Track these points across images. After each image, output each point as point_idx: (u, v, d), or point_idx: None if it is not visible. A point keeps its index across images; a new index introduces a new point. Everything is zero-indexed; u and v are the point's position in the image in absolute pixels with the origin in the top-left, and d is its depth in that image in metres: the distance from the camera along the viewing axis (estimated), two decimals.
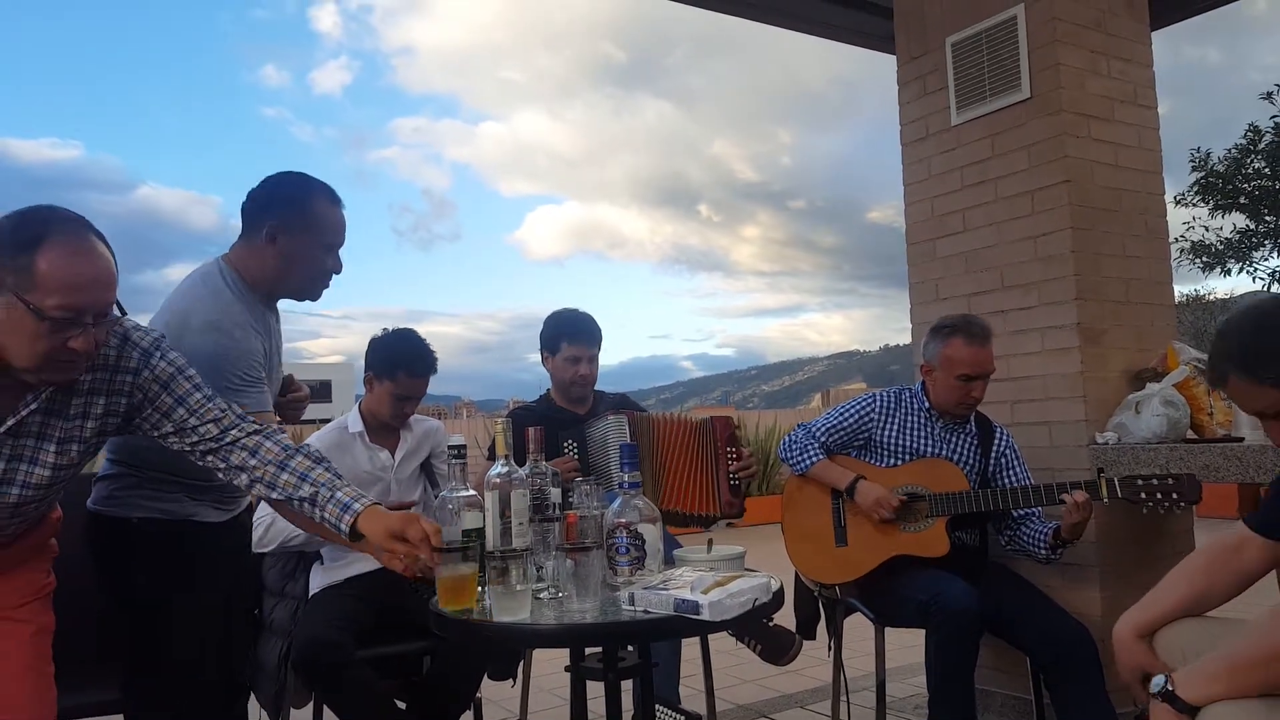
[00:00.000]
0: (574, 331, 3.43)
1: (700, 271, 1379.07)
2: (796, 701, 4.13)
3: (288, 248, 2.33)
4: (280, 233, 2.32)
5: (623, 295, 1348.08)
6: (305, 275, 2.39)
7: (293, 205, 2.34)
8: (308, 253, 2.36)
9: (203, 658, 2.27)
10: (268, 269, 2.35)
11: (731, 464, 3.21)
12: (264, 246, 2.33)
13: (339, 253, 2.43)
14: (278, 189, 2.37)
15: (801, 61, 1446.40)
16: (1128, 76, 3.68)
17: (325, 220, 2.38)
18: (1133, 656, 1.94)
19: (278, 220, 2.32)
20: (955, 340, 3.10)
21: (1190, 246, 19.33)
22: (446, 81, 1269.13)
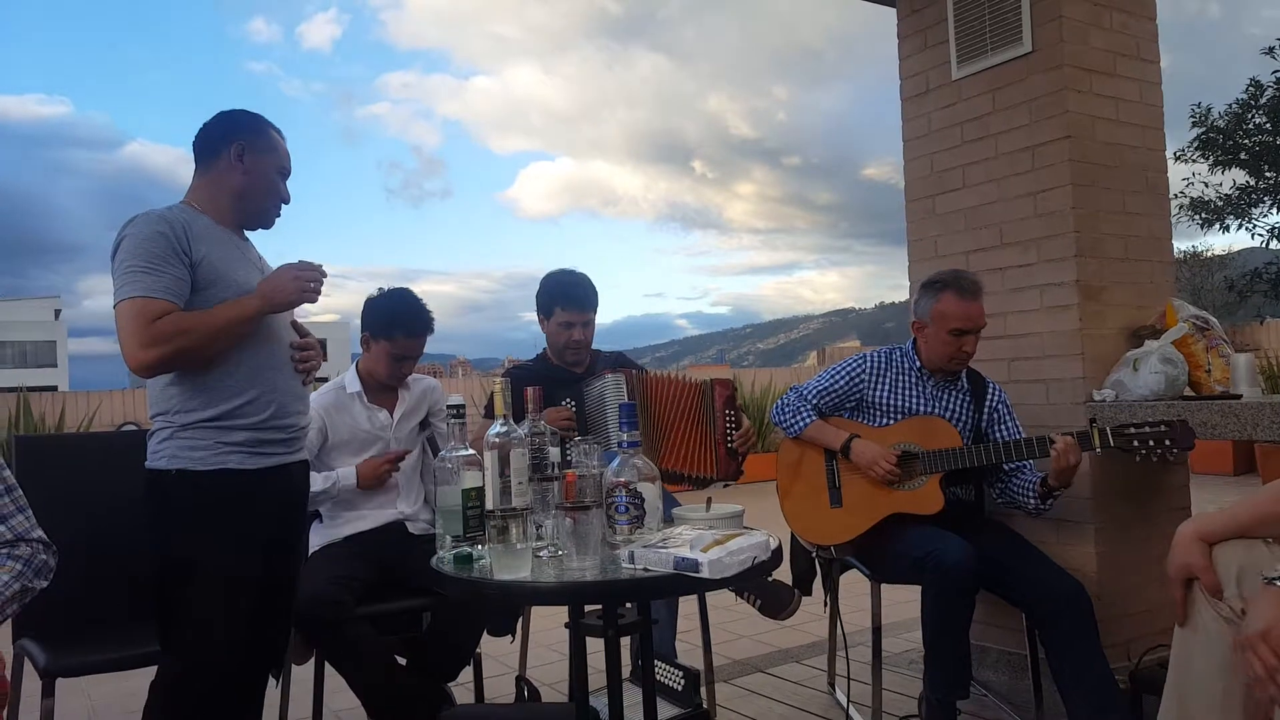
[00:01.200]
0: (567, 297, 3.40)
1: (695, 229, 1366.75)
2: (793, 656, 4.16)
3: (253, 165, 2.43)
4: (247, 150, 2.42)
5: (617, 253, 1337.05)
6: (266, 194, 2.48)
7: (254, 128, 2.46)
8: (269, 174, 2.46)
9: (223, 616, 2.28)
10: (232, 188, 2.43)
11: (730, 428, 3.22)
12: (230, 166, 2.41)
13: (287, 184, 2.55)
14: (234, 116, 2.47)
15: (798, 15, 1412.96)
16: (1130, 30, 3.64)
17: (279, 145, 2.50)
18: (1188, 556, 1.90)
19: (245, 140, 2.42)
20: (947, 295, 3.10)
21: (1190, 203, 19.26)
22: (437, 35, 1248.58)
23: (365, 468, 3.11)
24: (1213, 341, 3.36)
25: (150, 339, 2.18)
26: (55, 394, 9.52)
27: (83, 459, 2.96)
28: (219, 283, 2.31)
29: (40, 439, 3.37)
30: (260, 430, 2.35)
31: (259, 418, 2.34)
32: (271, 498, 2.41)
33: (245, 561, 2.33)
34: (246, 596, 2.33)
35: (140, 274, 2.21)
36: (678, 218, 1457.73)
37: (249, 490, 2.33)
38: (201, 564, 2.27)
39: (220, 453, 2.29)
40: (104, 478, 2.87)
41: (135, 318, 2.19)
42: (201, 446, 2.28)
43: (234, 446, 2.31)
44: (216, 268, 2.32)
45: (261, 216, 2.51)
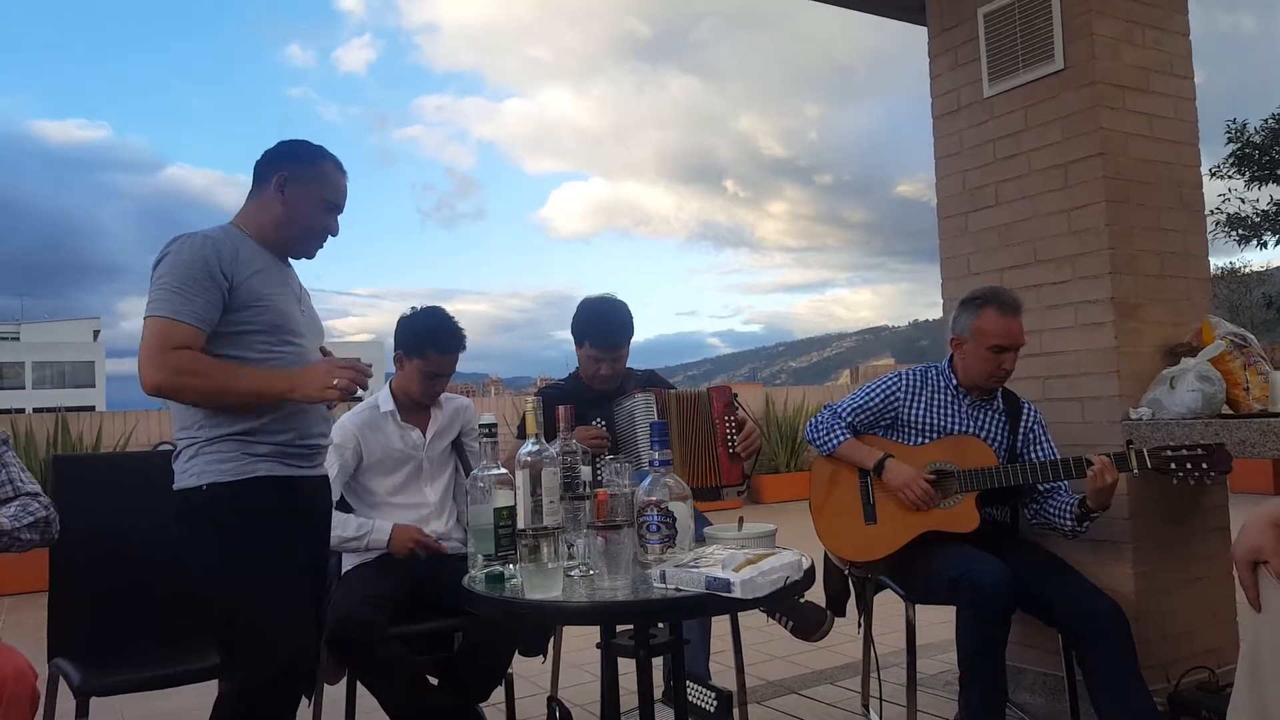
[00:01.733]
0: (598, 336, 3.38)
1: (727, 248, 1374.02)
2: (827, 677, 4.13)
3: (293, 196, 2.42)
4: (288, 182, 2.42)
5: (649, 272, 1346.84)
6: (305, 227, 2.47)
7: (302, 159, 2.46)
8: (311, 207, 2.45)
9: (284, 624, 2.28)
10: (273, 218, 2.43)
11: (731, 433, 3.20)
12: (272, 195, 2.42)
13: (338, 219, 2.53)
14: (290, 146, 2.48)
15: (829, 34, 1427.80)
16: (1163, 46, 3.61)
17: (330, 179, 2.48)
18: (1258, 538, 1.82)
19: (287, 170, 2.42)
20: (987, 311, 3.09)
21: (1226, 219, 19.06)
22: (471, 58, 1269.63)
23: (400, 533, 3.10)
24: (1251, 359, 3.31)
25: (163, 364, 2.19)
26: (93, 414, 9.64)
27: (119, 478, 3.00)
28: (257, 304, 2.32)
29: (78, 458, 3.42)
30: (286, 445, 2.36)
31: (282, 437, 2.36)
32: (304, 506, 2.42)
33: (293, 565, 2.34)
34: (303, 598, 2.34)
35: (172, 294, 2.22)
36: (710, 237, 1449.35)
37: (284, 496, 2.35)
38: (250, 575, 2.26)
39: (248, 462, 2.30)
40: (140, 497, 2.89)
41: (155, 337, 2.21)
42: (229, 458, 2.29)
43: (261, 456, 2.32)
44: (257, 290, 2.33)
45: (300, 247, 2.51)
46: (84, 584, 2.80)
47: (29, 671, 2.26)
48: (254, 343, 2.33)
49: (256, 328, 2.33)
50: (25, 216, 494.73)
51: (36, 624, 2.71)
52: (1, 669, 2.20)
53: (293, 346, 2.40)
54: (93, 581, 2.80)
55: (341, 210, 2.53)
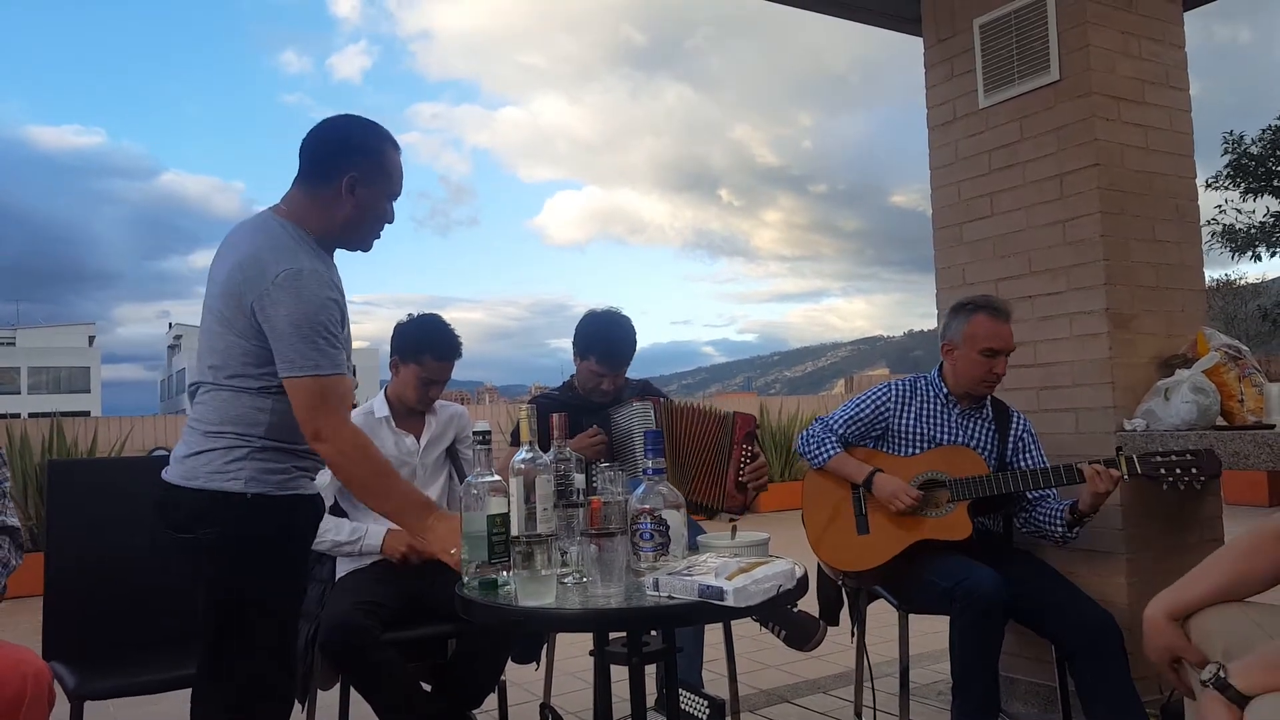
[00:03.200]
0: (604, 355, 3.37)
1: (721, 256, 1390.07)
2: (820, 687, 4.13)
3: (365, 198, 2.25)
4: (359, 183, 2.23)
5: (643, 281, 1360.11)
6: (373, 225, 2.32)
7: (371, 155, 2.27)
8: (379, 204, 2.30)
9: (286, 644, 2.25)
10: (339, 219, 2.26)
11: (744, 462, 3.21)
12: (340, 198, 2.23)
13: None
14: (353, 137, 2.28)
15: (823, 44, 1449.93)
16: (1159, 58, 3.63)
17: (397, 169, 2.32)
18: (1164, 639, 1.87)
19: (358, 170, 2.23)
20: (978, 316, 3.11)
21: (1221, 230, 19.10)
22: (465, 66, 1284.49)
23: (393, 538, 3.10)
24: (1245, 370, 3.32)
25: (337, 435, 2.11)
26: (88, 419, 9.64)
27: (115, 483, 2.99)
28: (343, 345, 2.21)
29: (73, 463, 3.41)
30: (317, 460, 2.28)
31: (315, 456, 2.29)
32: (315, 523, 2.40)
33: (302, 589, 2.35)
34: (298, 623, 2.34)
35: (313, 349, 2.09)
36: (704, 245, 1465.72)
37: (312, 515, 2.33)
38: (270, 592, 2.19)
39: (294, 476, 2.23)
40: (135, 502, 2.88)
41: (312, 398, 2.10)
42: (279, 471, 2.19)
43: (302, 471, 2.25)
44: (344, 330, 2.23)
45: (362, 243, 2.35)
46: (79, 588, 2.80)
47: (46, 672, 2.26)
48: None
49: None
50: (21, 222, 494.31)
51: (31, 628, 2.71)
52: (21, 669, 2.20)
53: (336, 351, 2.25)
54: (87, 586, 2.80)
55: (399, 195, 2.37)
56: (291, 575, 2.27)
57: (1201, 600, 1.87)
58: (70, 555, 2.82)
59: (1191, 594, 1.88)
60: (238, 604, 2.16)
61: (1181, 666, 1.88)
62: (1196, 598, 1.88)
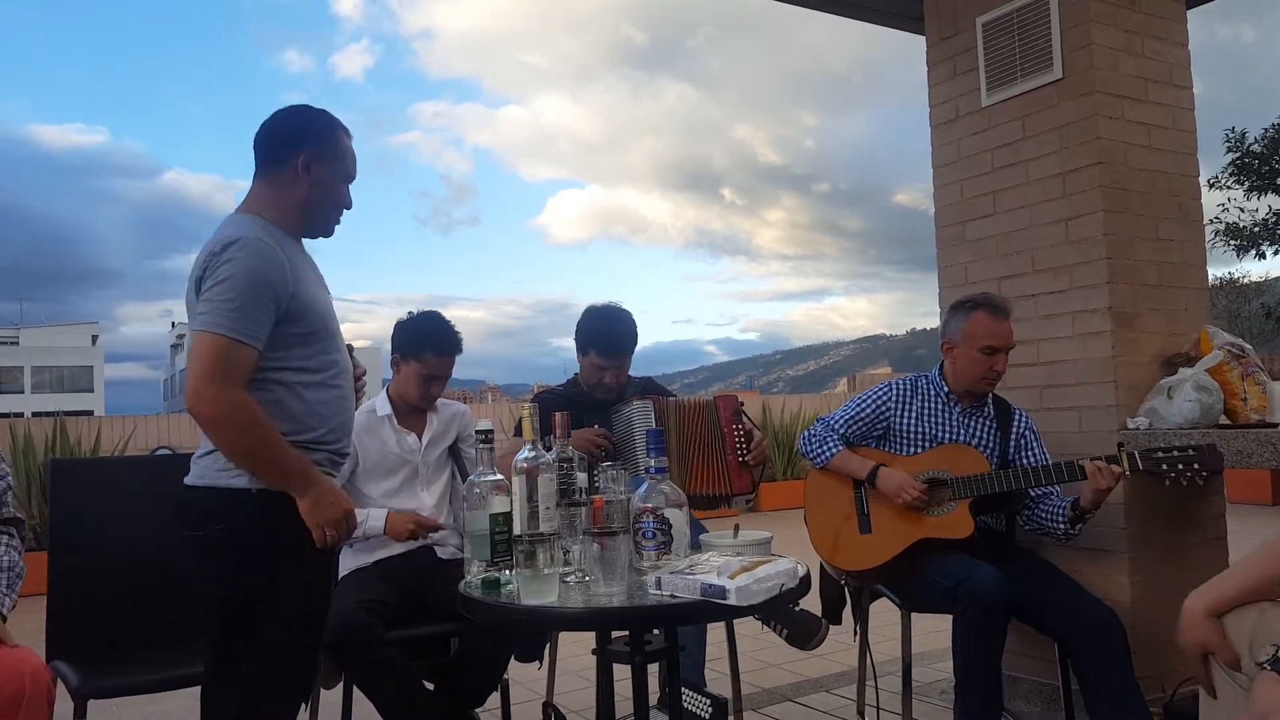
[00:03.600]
0: (604, 346, 3.38)
1: (723, 255, 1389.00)
2: (822, 686, 4.13)
3: (320, 175, 2.31)
4: (314, 161, 2.30)
5: (646, 280, 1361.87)
6: (331, 206, 2.37)
7: (323, 136, 2.33)
8: (335, 184, 2.35)
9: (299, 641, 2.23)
10: (297, 199, 2.30)
11: (739, 442, 3.20)
12: (296, 177, 2.29)
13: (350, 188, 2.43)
14: (303, 120, 2.35)
15: (824, 43, 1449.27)
16: (1162, 56, 3.62)
17: (349, 153, 2.38)
18: (1198, 634, 1.85)
19: (311, 149, 2.29)
20: (978, 314, 3.12)
21: (1224, 229, 19.07)
22: (467, 65, 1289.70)
23: (396, 519, 3.10)
24: (1249, 369, 3.32)
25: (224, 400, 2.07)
26: (91, 418, 9.64)
27: (118, 482, 3.00)
28: (306, 316, 2.22)
29: (76, 462, 3.42)
30: (334, 454, 2.29)
31: (337, 444, 2.29)
32: None
33: (318, 584, 2.30)
34: (320, 620, 2.31)
35: (233, 311, 2.09)
36: (706, 244, 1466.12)
37: None
38: (278, 589, 2.17)
39: None
40: (138, 501, 2.90)
41: (214, 358, 2.07)
42: None
43: (315, 465, 2.22)
44: (309, 298, 2.24)
45: (324, 226, 2.40)
46: (82, 587, 2.80)
47: (44, 671, 2.27)
48: (309, 353, 2.23)
49: (310, 337, 2.23)
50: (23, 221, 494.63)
51: (35, 627, 2.71)
52: (20, 668, 2.21)
53: (338, 351, 2.31)
54: (91, 585, 2.81)
55: (354, 178, 2.43)
56: (302, 571, 2.23)
57: (1240, 597, 1.85)
58: (73, 554, 2.82)
59: (1231, 591, 1.86)
60: (244, 601, 2.16)
61: (1209, 662, 1.87)
62: (1236, 594, 1.85)
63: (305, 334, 2.22)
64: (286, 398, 2.19)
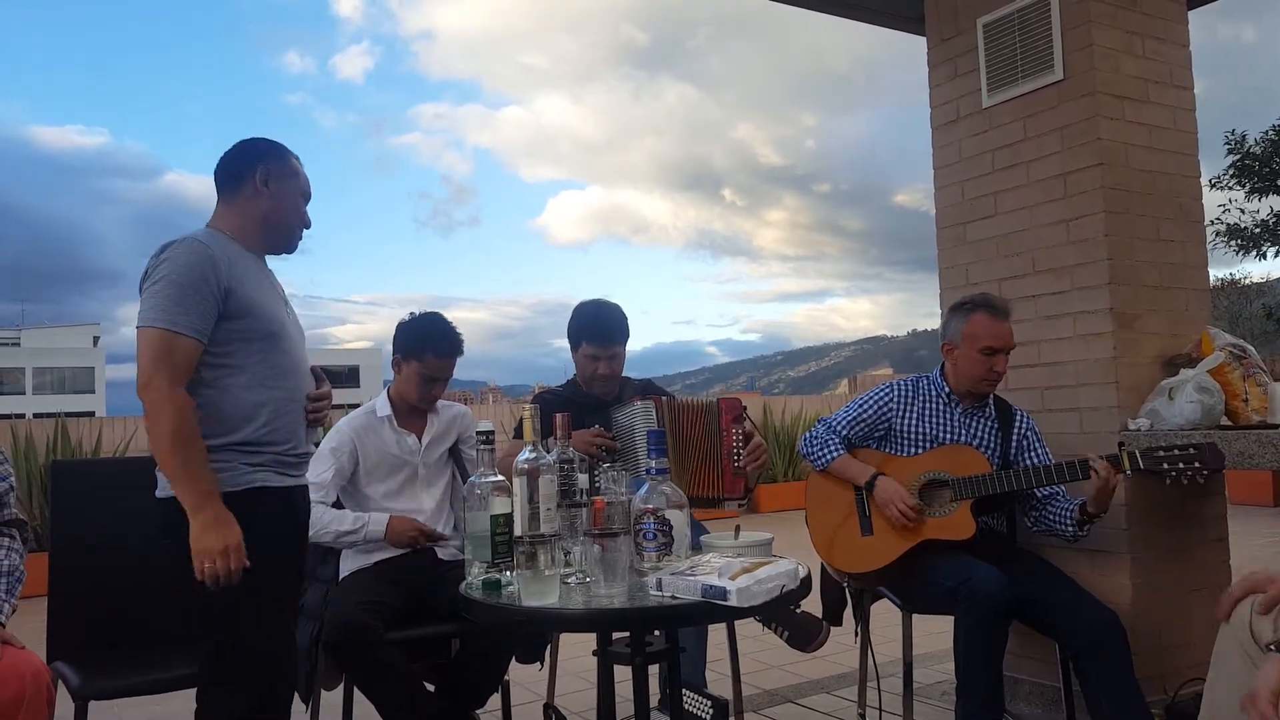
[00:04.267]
0: (593, 331, 3.39)
1: (724, 256, 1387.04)
2: (823, 687, 4.12)
3: (278, 189, 2.43)
4: (272, 176, 2.43)
5: (646, 281, 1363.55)
6: (292, 219, 2.48)
7: (276, 154, 2.46)
8: (293, 198, 2.48)
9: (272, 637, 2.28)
10: (259, 213, 2.42)
11: (737, 446, 3.20)
12: (256, 193, 2.41)
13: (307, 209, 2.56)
14: (256, 144, 2.48)
15: (825, 43, 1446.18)
16: (1163, 57, 3.62)
17: (300, 171, 2.51)
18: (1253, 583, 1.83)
19: (269, 165, 2.43)
20: (977, 315, 3.12)
21: (1226, 230, 19.05)
22: (467, 66, 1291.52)
23: (397, 524, 3.10)
24: (1250, 370, 3.31)
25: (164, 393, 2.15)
26: (93, 419, 9.63)
27: (119, 483, 2.99)
28: (252, 314, 2.30)
29: (77, 464, 3.42)
30: (281, 455, 2.34)
31: (281, 446, 2.34)
32: (296, 516, 2.42)
33: (290, 578, 2.35)
34: (290, 613, 2.35)
35: (170, 303, 2.19)
36: (707, 245, 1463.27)
37: (285, 506, 2.34)
38: (248, 586, 2.21)
39: (246, 472, 2.27)
40: (140, 502, 2.87)
41: (157, 350, 2.18)
42: (226, 468, 2.25)
43: (259, 466, 2.30)
44: (251, 298, 2.31)
45: (287, 240, 2.51)
46: (83, 588, 2.80)
47: (44, 672, 2.27)
48: (248, 351, 2.30)
49: (250, 335, 2.31)
50: (25, 222, 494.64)
51: (35, 628, 2.70)
52: (21, 670, 2.21)
53: (284, 354, 2.37)
54: (92, 586, 2.81)
55: (309, 201, 2.56)
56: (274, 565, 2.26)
57: None
58: (74, 555, 2.82)
59: None
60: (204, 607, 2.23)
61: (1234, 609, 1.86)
62: None
63: (246, 333, 2.30)
64: (220, 395, 2.27)
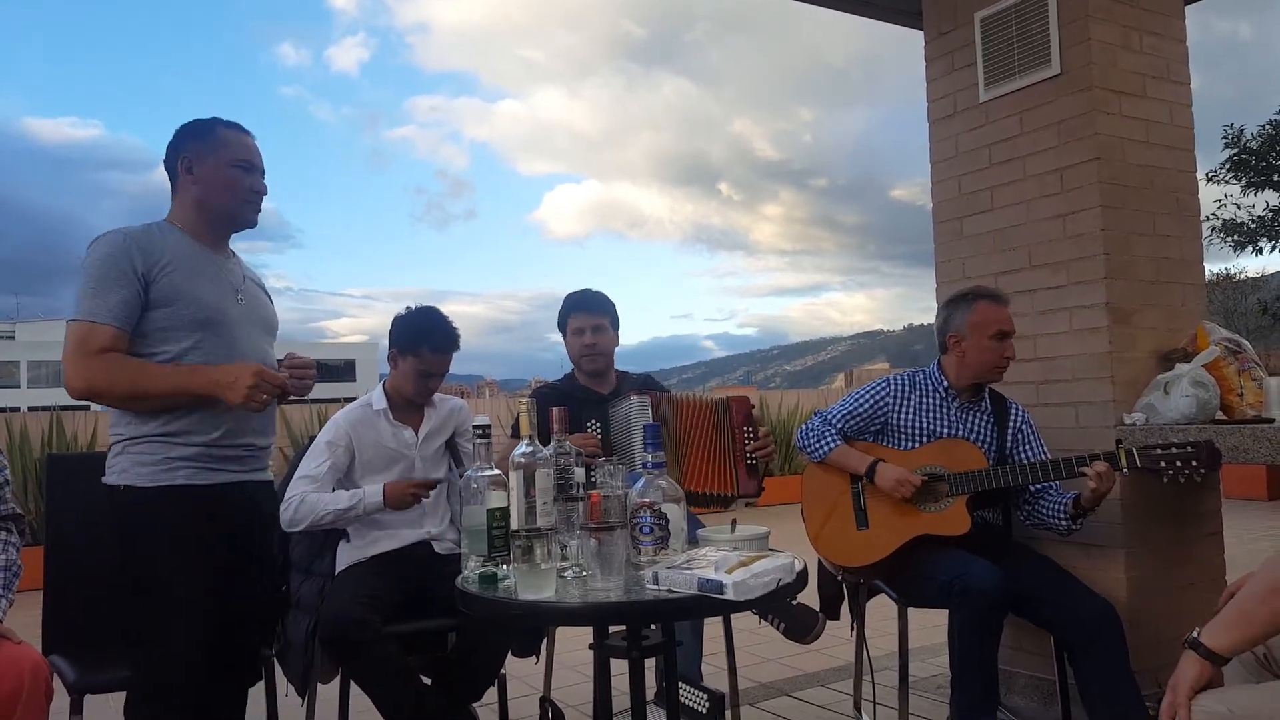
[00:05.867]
0: (577, 303, 3.48)
1: (721, 250, 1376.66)
2: (819, 680, 4.13)
3: (203, 172, 2.41)
4: (194, 160, 2.42)
5: (643, 275, 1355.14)
6: (228, 198, 2.44)
7: (197, 135, 2.44)
8: (222, 173, 2.43)
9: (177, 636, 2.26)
10: (193, 200, 2.42)
11: (748, 444, 3.21)
12: (184, 180, 2.42)
13: (262, 178, 2.50)
14: (183, 128, 2.47)
15: (822, 38, 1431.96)
16: (1160, 52, 3.62)
17: (231, 141, 2.46)
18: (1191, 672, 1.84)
19: (188, 151, 2.43)
20: (981, 303, 3.15)
21: (1222, 225, 19.08)
22: (463, 59, 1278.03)
23: (393, 488, 3.10)
24: (1245, 365, 3.32)
25: (80, 371, 2.19)
26: (88, 413, 9.61)
27: None
28: (179, 300, 2.30)
29: (72, 457, 3.41)
30: (211, 446, 2.33)
31: (211, 435, 2.32)
32: (227, 515, 2.38)
33: (198, 580, 2.30)
34: (202, 616, 2.30)
35: (89, 296, 2.22)
36: (704, 239, 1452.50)
37: (200, 506, 2.31)
38: (155, 582, 2.24)
39: (168, 468, 2.28)
40: None
41: (73, 340, 2.21)
42: (149, 462, 2.26)
43: (183, 461, 2.29)
44: (177, 284, 2.30)
45: (232, 218, 2.49)
46: (78, 582, 2.80)
47: (44, 666, 2.27)
48: (175, 339, 2.30)
49: (176, 324, 2.30)
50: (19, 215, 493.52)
51: (31, 621, 2.70)
52: (19, 664, 2.21)
53: (222, 344, 2.36)
54: (87, 579, 2.80)
55: (260, 169, 2.50)
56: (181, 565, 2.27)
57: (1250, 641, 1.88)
58: (70, 549, 2.82)
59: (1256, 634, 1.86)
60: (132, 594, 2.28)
61: None
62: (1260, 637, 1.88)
63: (173, 320, 2.30)
64: None
